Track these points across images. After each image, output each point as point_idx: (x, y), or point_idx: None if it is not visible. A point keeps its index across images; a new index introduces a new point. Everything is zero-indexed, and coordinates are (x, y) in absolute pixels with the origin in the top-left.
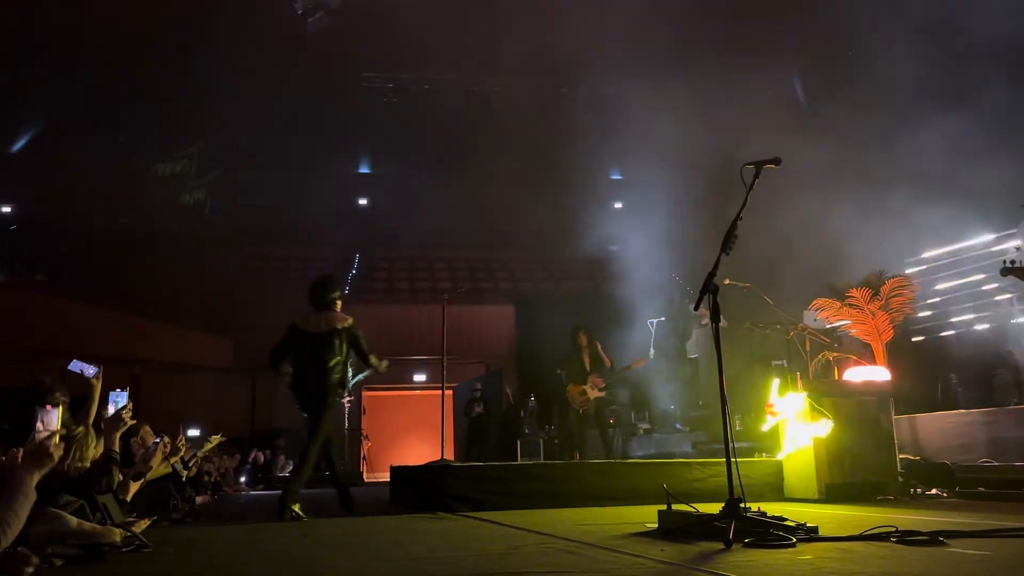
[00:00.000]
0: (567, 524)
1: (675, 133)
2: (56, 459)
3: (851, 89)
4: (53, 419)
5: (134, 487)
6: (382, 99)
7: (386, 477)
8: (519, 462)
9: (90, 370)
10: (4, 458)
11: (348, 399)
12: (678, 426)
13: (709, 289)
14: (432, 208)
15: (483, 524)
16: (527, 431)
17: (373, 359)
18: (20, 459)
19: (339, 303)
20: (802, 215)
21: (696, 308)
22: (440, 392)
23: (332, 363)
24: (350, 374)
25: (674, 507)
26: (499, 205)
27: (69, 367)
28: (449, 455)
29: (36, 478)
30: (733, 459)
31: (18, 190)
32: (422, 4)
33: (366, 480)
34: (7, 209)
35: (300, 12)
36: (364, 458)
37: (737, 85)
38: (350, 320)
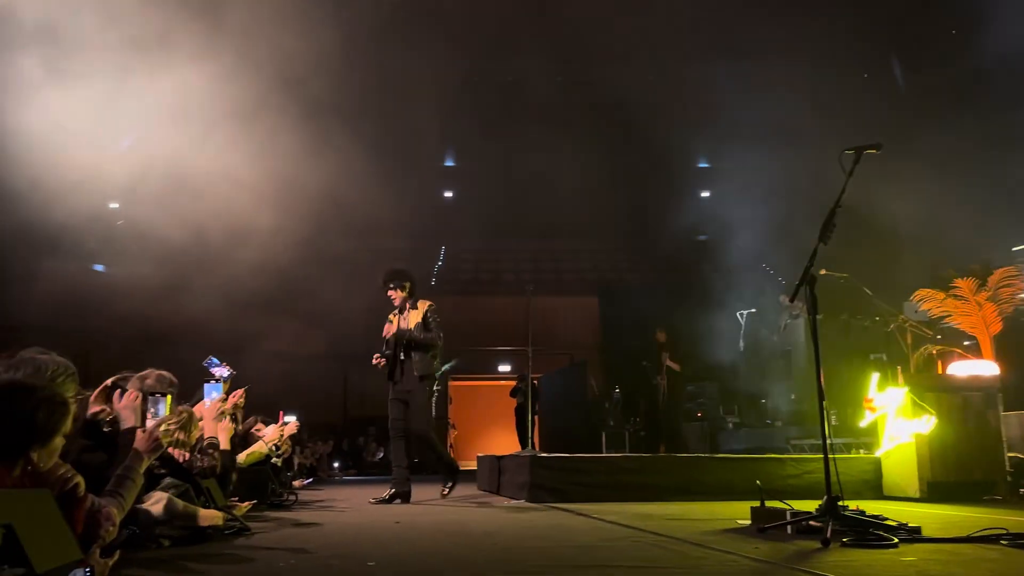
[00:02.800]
0: (656, 518)
1: (766, 119)
2: (165, 447)
3: (953, 69)
4: (161, 408)
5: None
6: (465, 92)
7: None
8: (605, 454)
9: (224, 372)
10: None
11: (436, 388)
12: (769, 421)
13: (806, 280)
14: (516, 199)
15: (570, 515)
16: (612, 423)
17: None
18: (134, 446)
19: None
20: (904, 202)
21: (792, 300)
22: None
23: None
24: None
25: (767, 504)
26: (583, 195)
27: (204, 363)
28: (536, 445)
29: (145, 465)
30: (830, 455)
31: (125, 187)
32: None
33: None
34: (115, 205)
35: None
36: (451, 446)
37: (831, 67)
38: None
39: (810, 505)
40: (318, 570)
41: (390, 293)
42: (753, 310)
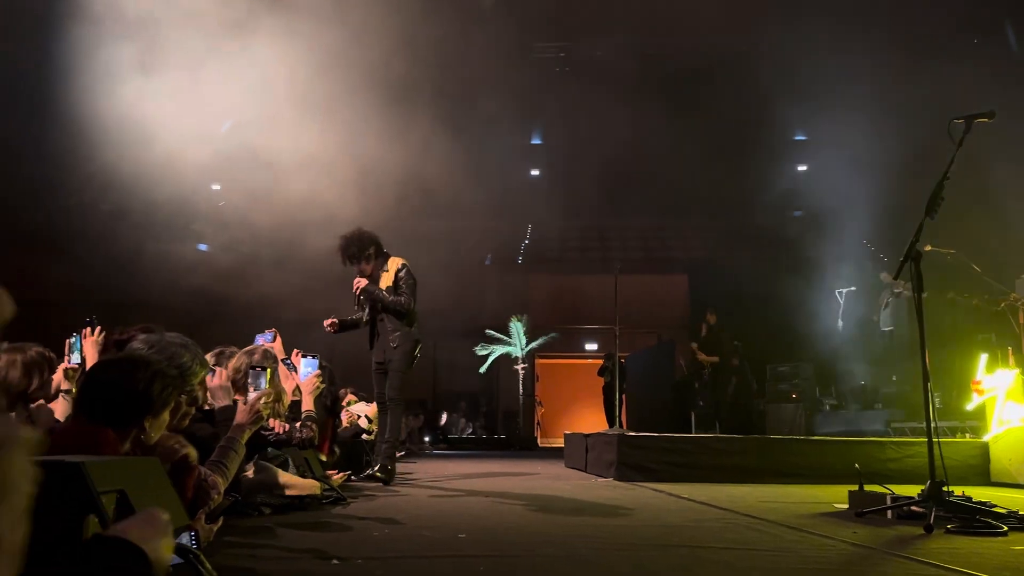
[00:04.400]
0: (749, 500)
1: (867, 87)
2: (265, 419)
3: None
4: (262, 382)
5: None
6: (553, 68)
7: (560, 443)
8: (694, 434)
9: (267, 337)
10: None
11: (523, 366)
12: (868, 403)
13: (911, 256)
14: (604, 177)
15: (659, 495)
16: (702, 403)
17: None
18: (236, 419)
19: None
20: (1018, 173)
21: (896, 277)
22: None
23: None
24: None
25: (866, 488)
26: (673, 171)
27: (255, 344)
28: (623, 423)
29: (247, 436)
30: (935, 439)
31: (225, 169)
32: None
33: (540, 445)
34: (217, 187)
35: None
36: (538, 424)
37: (938, 31)
38: None
39: (912, 490)
40: (411, 540)
41: (357, 268)
42: (852, 288)
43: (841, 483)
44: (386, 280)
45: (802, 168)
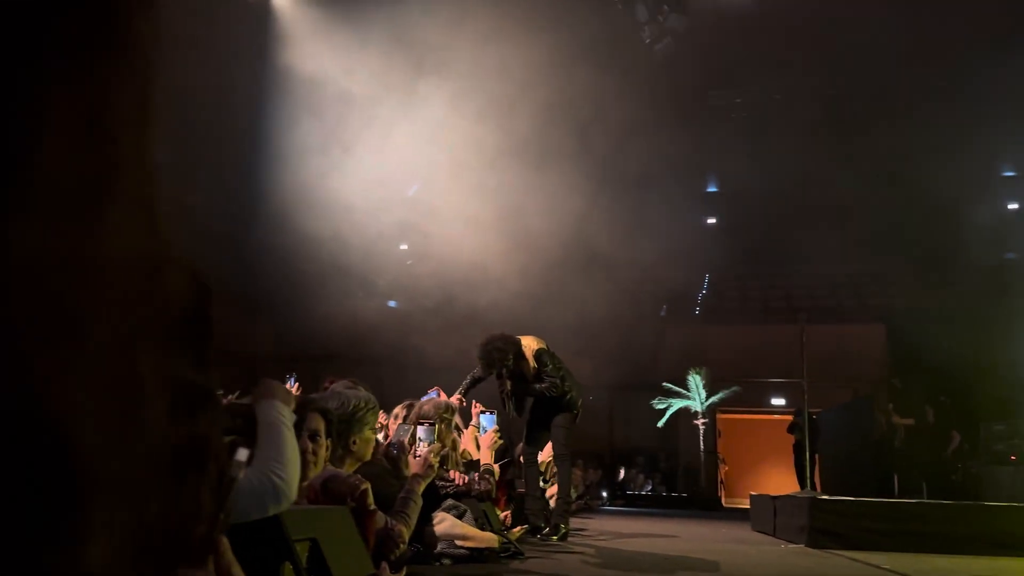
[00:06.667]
0: (959, 575)
1: None
2: (435, 471)
3: None
4: (429, 435)
5: None
6: (729, 115)
7: (744, 503)
8: (896, 499)
9: (432, 395)
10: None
11: (703, 420)
12: None
13: None
14: (783, 222)
15: (856, 565)
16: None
17: None
18: (411, 469)
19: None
20: None
21: None
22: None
23: None
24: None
25: None
26: (863, 214)
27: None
28: (816, 485)
29: (422, 486)
30: None
31: (411, 230)
32: (765, 15)
33: (724, 505)
34: (404, 247)
35: (648, 41)
36: (721, 482)
37: None
38: None
39: None
40: None
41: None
42: None
43: None
44: (529, 369)
45: (1013, 206)
